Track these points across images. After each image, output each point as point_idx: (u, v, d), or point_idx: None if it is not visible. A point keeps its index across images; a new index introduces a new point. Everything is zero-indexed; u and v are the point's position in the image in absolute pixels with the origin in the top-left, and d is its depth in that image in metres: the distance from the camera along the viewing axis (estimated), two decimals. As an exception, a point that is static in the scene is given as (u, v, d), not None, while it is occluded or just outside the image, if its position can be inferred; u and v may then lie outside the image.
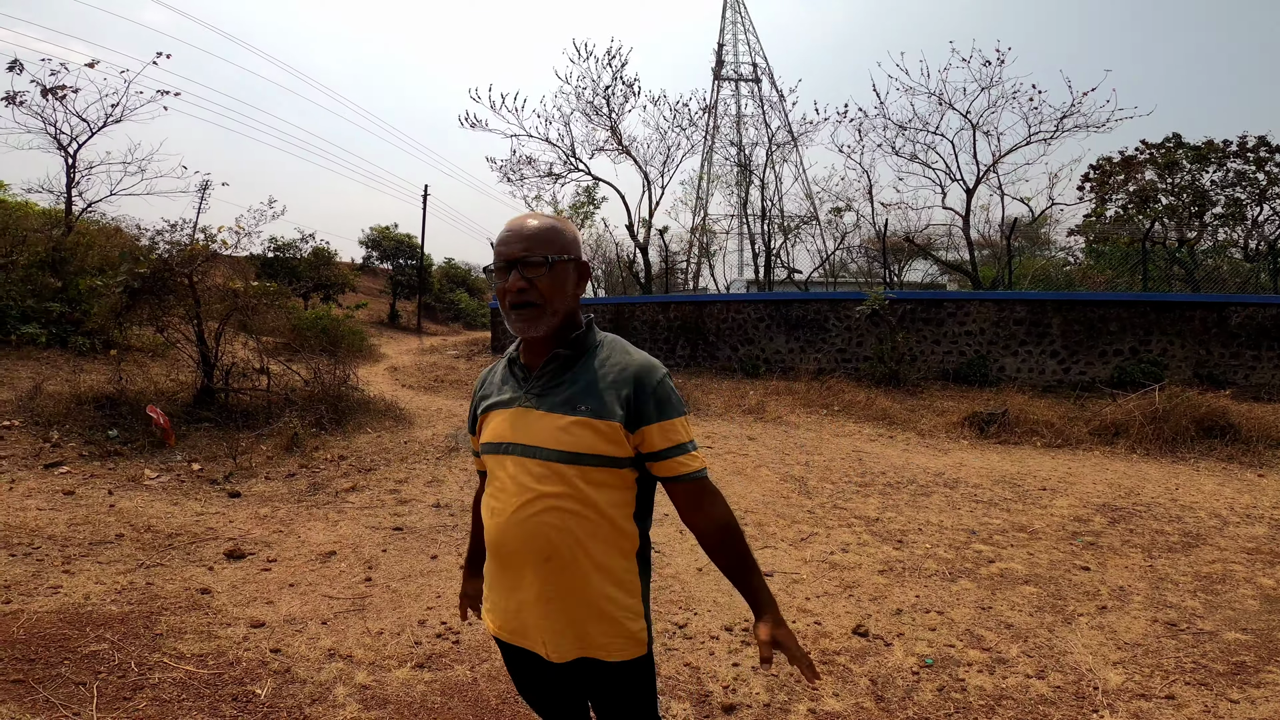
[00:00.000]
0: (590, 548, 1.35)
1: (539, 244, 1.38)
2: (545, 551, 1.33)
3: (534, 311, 1.38)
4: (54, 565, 3.95)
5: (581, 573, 1.34)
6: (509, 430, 1.40)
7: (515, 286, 1.37)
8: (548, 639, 1.37)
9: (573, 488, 1.33)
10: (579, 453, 1.33)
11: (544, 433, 1.35)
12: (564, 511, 1.33)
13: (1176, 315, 11.71)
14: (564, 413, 1.35)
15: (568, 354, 1.41)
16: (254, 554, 4.33)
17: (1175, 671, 3.15)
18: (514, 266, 1.37)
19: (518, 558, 1.36)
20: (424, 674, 2.99)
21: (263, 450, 6.91)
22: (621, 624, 1.38)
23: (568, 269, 1.42)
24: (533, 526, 1.33)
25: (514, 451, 1.38)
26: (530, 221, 1.42)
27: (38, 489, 5.37)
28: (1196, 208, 18.41)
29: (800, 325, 13.63)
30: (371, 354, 16.69)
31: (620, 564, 1.39)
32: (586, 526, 1.34)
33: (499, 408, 1.45)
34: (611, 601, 1.37)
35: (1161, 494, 6.26)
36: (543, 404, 1.38)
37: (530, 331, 1.39)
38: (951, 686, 3.03)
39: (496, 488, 1.41)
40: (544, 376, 1.41)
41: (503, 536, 1.38)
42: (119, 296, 7.94)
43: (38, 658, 2.89)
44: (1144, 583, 4.22)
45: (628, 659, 1.39)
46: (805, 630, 3.53)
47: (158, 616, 3.36)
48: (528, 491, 1.35)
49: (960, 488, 6.42)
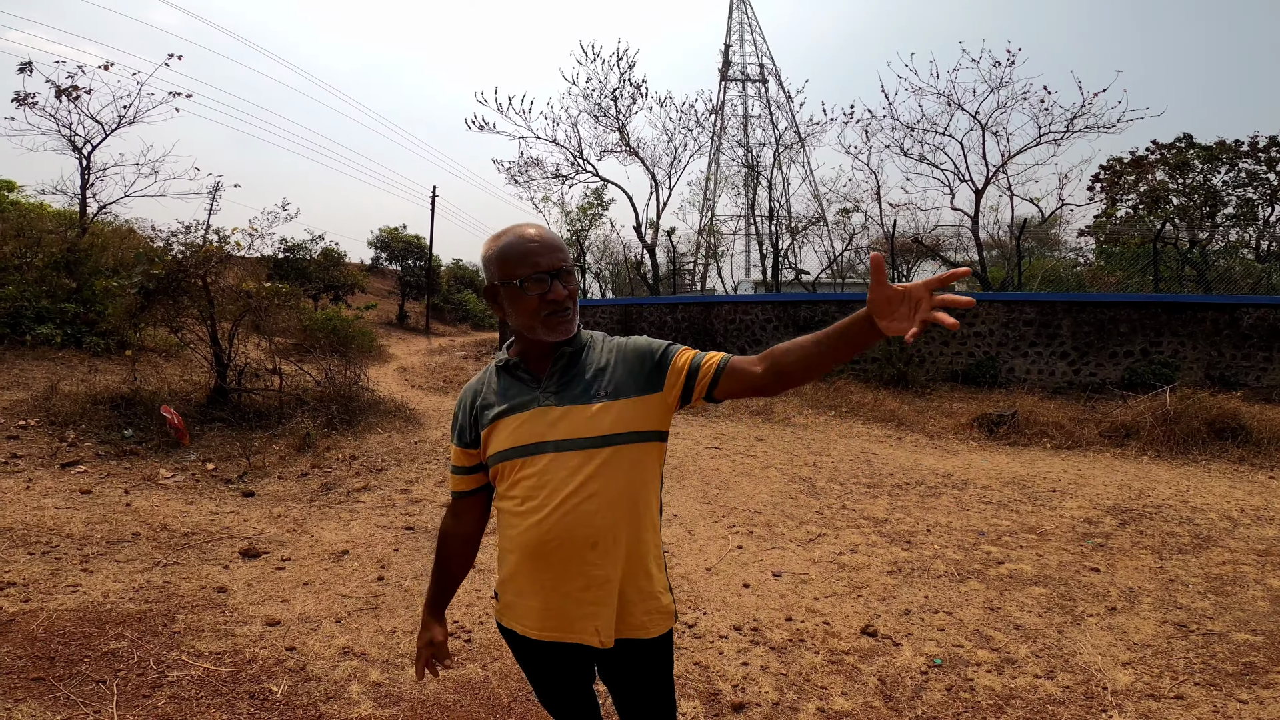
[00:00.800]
0: (630, 528, 1.41)
1: (564, 254, 1.46)
2: (591, 538, 1.38)
3: (570, 315, 1.45)
4: (72, 564, 4.01)
5: (625, 554, 1.41)
6: (535, 430, 1.43)
7: (562, 295, 1.43)
8: (600, 625, 1.41)
9: (611, 470, 1.38)
10: (611, 434, 1.39)
11: (574, 424, 1.40)
12: (603, 497, 1.38)
13: (1188, 316, 11.64)
14: (586, 403, 1.41)
15: (570, 351, 1.48)
16: (268, 553, 4.39)
17: (1185, 672, 3.16)
18: (555, 277, 1.42)
19: (564, 550, 1.39)
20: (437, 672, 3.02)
21: (275, 450, 6.97)
22: (658, 598, 1.46)
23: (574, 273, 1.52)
24: (578, 516, 1.37)
25: (548, 449, 1.40)
26: (546, 232, 1.48)
27: (55, 488, 5.44)
28: (1208, 208, 18.31)
29: (808, 326, 13.54)
30: (381, 354, 16.79)
31: (653, 539, 1.47)
32: (625, 507, 1.40)
33: (513, 413, 1.46)
34: (650, 578, 1.45)
35: (1172, 496, 6.24)
36: (563, 399, 1.43)
37: (568, 334, 1.46)
38: (960, 686, 3.04)
39: (527, 488, 1.42)
40: (555, 375, 1.46)
41: (545, 533, 1.39)
42: (134, 297, 8.03)
43: (58, 655, 2.94)
44: (1154, 584, 4.22)
45: (662, 634, 1.47)
46: (814, 630, 3.55)
47: (175, 615, 3.41)
48: (568, 483, 1.38)
49: (969, 489, 6.41)
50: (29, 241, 11.44)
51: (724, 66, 34.57)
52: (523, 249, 1.43)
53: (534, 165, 20.07)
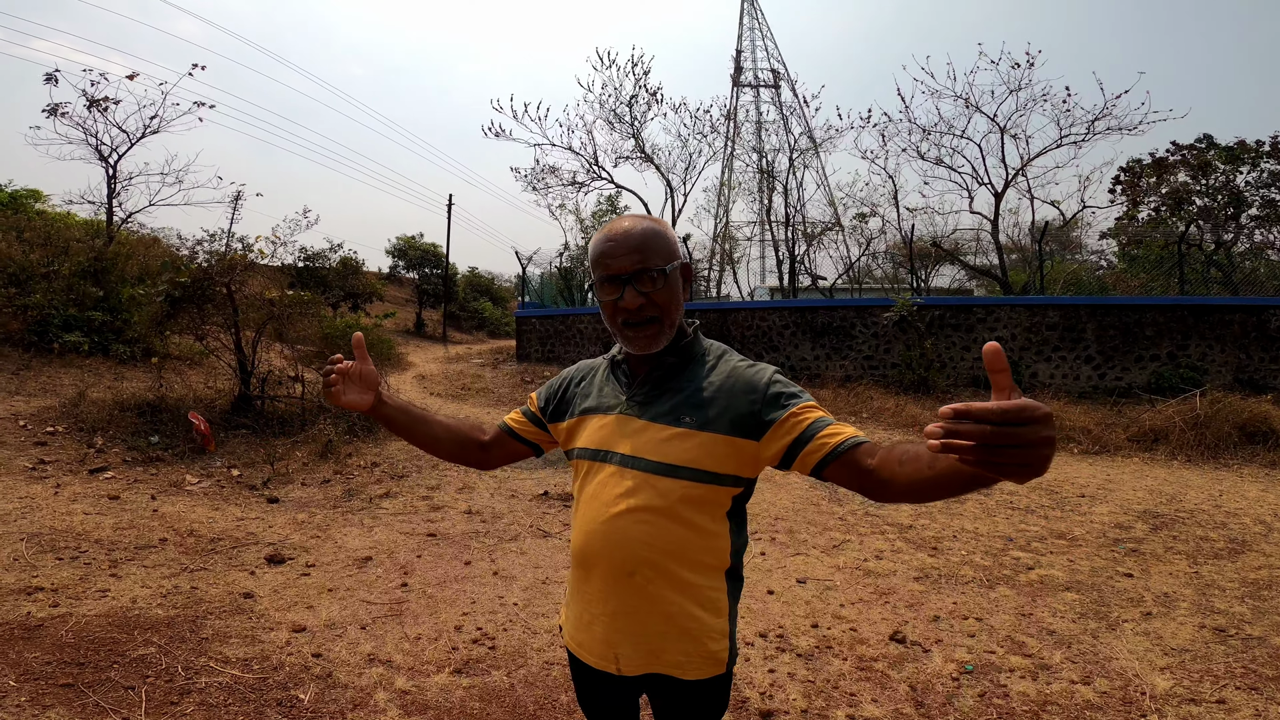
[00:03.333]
0: (678, 565, 1.26)
1: (651, 254, 1.28)
2: (629, 566, 1.26)
3: (654, 328, 1.29)
4: (101, 569, 4.04)
5: (666, 590, 1.26)
6: (610, 438, 1.34)
7: (634, 304, 1.27)
8: (621, 652, 1.31)
9: (667, 502, 1.25)
10: (679, 465, 1.24)
11: (645, 443, 1.28)
12: (654, 526, 1.25)
13: (1215, 319, 11.44)
14: (667, 423, 1.27)
15: (674, 361, 1.34)
16: (293, 559, 4.40)
17: (1225, 676, 3.11)
18: (627, 283, 1.27)
19: (600, 570, 1.30)
20: (462, 679, 3.01)
21: (298, 456, 7.02)
22: (702, 643, 1.28)
23: (677, 276, 1.32)
24: (620, 539, 1.27)
25: (613, 460, 1.31)
26: (633, 228, 1.30)
27: (83, 493, 5.50)
28: (1232, 209, 18.02)
29: (826, 332, 13.54)
30: (399, 362, 16.87)
31: (708, 582, 1.29)
32: (677, 543, 1.26)
33: (599, 413, 1.39)
34: (694, 620, 1.28)
35: (1205, 500, 6.11)
36: (645, 413, 1.31)
37: (651, 348, 1.31)
38: (993, 692, 2.99)
39: (588, 495, 1.34)
40: (648, 384, 1.34)
41: (585, 547, 1.32)
42: (160, 305, 8.13)
43: (87, 661, 2.96)
44: (1190, 589, 4.13)
45: (703, 678, 1.30)
46: (841, 637, 3.50)
47: (203, 620, 3.43)
48: (619, 503, 1.27)
49: (995, 495, 6.32)
50: (56, 250, 11.64)
51: (736, 72, 34.57)
52: (600, 248, 1.31)
53: (550, 172, 20.19)
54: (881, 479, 1.08)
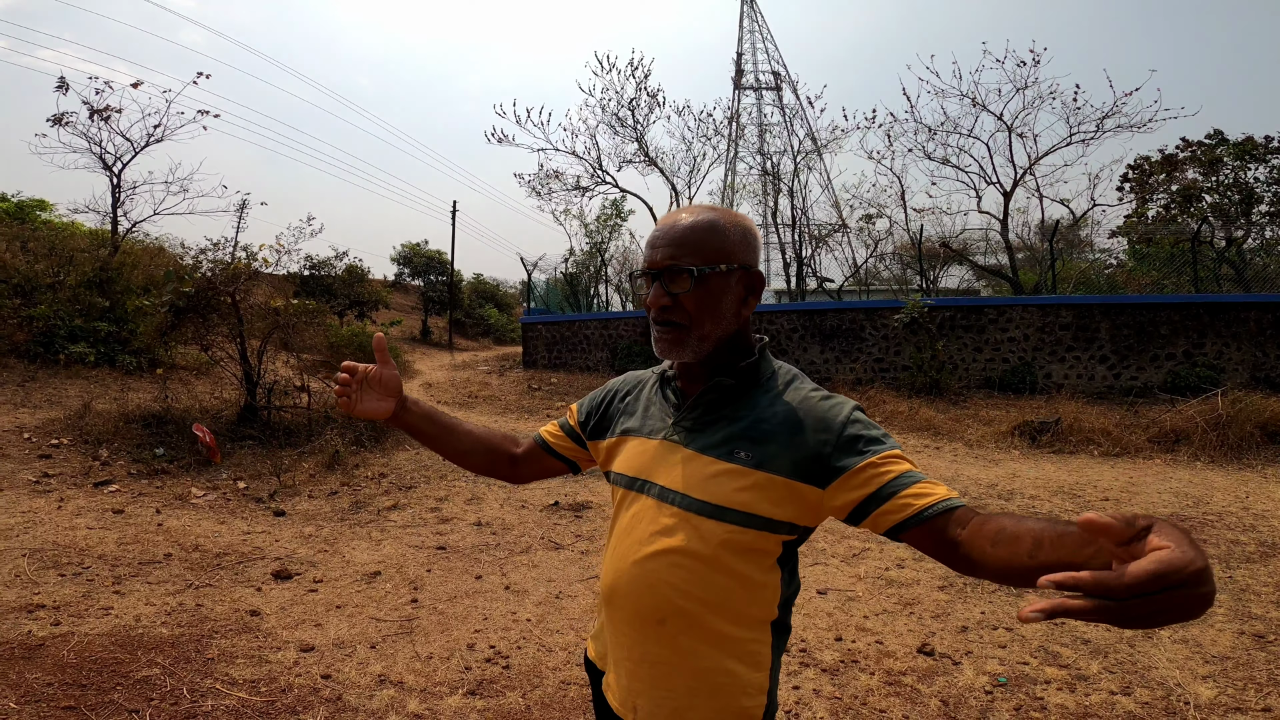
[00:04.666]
0: (715, 616, 1.10)
1: (689, 250, 1.11)
2: (660, 613, 1.10)
3: (678, 334, 1.13)
4: (104, 585, 3.95)
5: (698, 643, 1.10)
6: (649, 466, 1.18)
7: (657, 303, 1.13)
8: (639, 704, 1.14)
9: (708, 546, 1.08)
10: (726, 507, 1.07)
11: (689, 477, 1.11)
12: (691, 573, 1.09)
13: (1231, 317, 11.27)
14: (717, 457, 1.10)
15: (731, 384, 1.16)
16: (300, 574, 4.30)
17: (1269, 684, 3.01)
18: (657, 278, 1.13)
19: (627, 614, 1.15)
20: (476, 701, 2.90)
21: (305, 468, 6.93)
22: (735, 700, 1.11)
23: (726, 283, 1.12)
24: (652, 582, 1.11)
25: (651, 493, 1.15)
26: (683, 219, 1.14)
27: (87, 507, 5.42)
28: (1242, 206, 17.84)
29: (835, 335, 13.42)
30: (405, 370, 16.83)
31: (749, 635, 1.12)
32: (717, 593, 1.09)
33: (641, 434, 1.23)
34: (729, 676, 1.11)
35: (1232, 503, 5.97)
36: (693, 442, 1.14)
37: (672, 356, 1.16)
38: (1030, 705, 2.88)
39: (622, 528, 1.19)
40: (699, 408, 1.17)
41: (616, 586, 1.17)
42: (165, 315, 8.06)
43: (89, 683, 2.86)
44: (1225, 594, 4.01)
45: None
46: (866, 650, 3.38)
47: (209, 640, 3.32)
48: (654, 542, 1.12)
49: (1016, 499, 6.18)
50: (61, 260, 11.61)
51: (737, 75, 34.54)
52: (650, 237, 1.17)
53: (554, 177, 20.12)
54: (968, 556, 0.91)
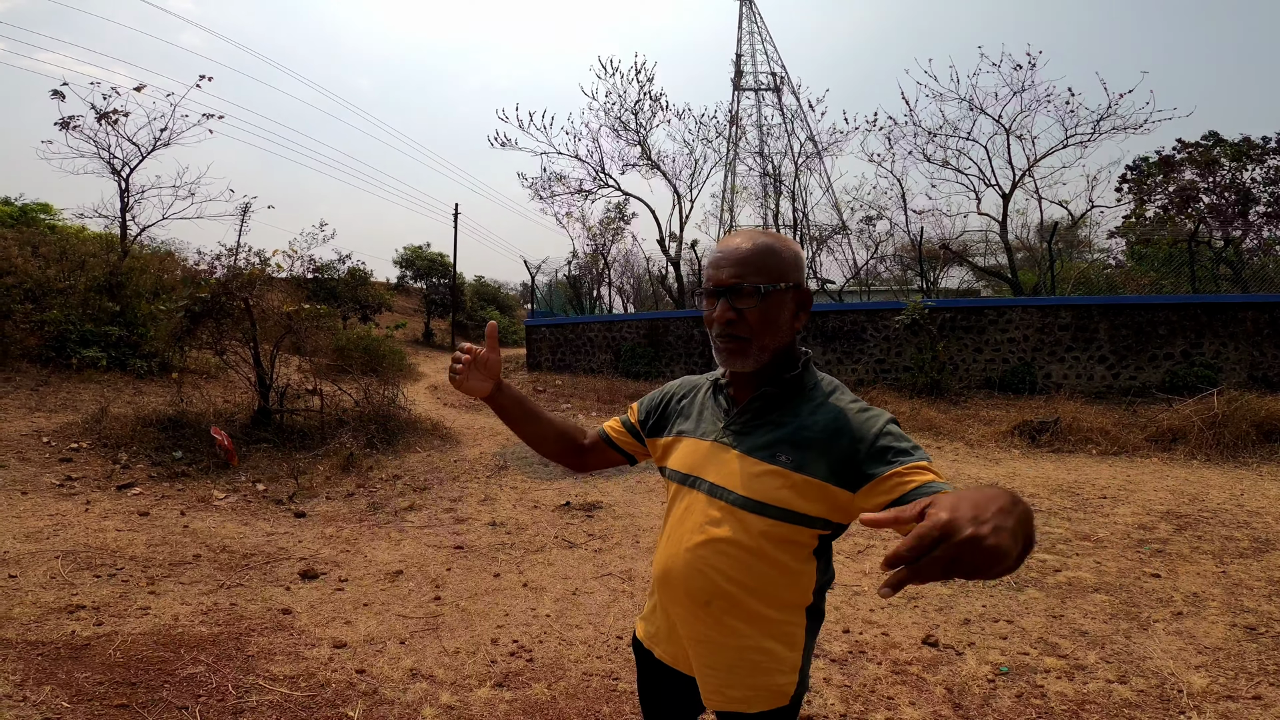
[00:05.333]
0: (756, 600, 1.26)
1: (752, 270, 1.25)
2: (706, 595, 1.27)
3: (740, 345, 1.27)
4: (139, 586, 4.10)
5: (739, 623, 1.27)
6: (701, 464, 1.34)
7: (723, 318, 1.26)
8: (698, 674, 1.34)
9: (752, 537, 1.24)
10: (768, 504, 1.23)
11: (736, 476, 1.27)
12: (735, 560, 1.25)
13: (1228, 317, 11.42)
14: (762, 458, 1.25)
15: (777, 393, 1.31)
16: (326, 574, 4.45)
17: (1259, 674, 3.15)
18: (723, 295, 1.27)
19: (679, 594, 1.32)
20: (504, 693, 3.05)
21: (320, 470, 7.07)
22: (771, 677, 1.28)
23: (784, 300, 1.28)
24: (701, 567, 1.28)
25: (702, 488, 1.32)
26: (744, 243, 1.28)
27: (114, 510, 5.56)
28: (1239, 206, 17.98)
29: (837, 336, 13.57)
30: (411, 373, 16.96)
31: (786, 617, 1.29)
32: (758, 578, 1.25)
33: (694, 436, 1.39)
34: (766, 654, 1.28)
35: (1227, 500, 6.12)
36: (741, 444, 1.29)
37: (735, 366, 1.30)
38: (1031, 693, 3.03)
39: (675, 519, 1.37)
40: (748, 414, 1.32)
41: (666, 571, 1.35)
42: (180, 320, 8.21)
43: (139, 681, 3.00)
44: (1218, 588, 4.15)
45: (766, 709, 1.29)
46: (873, 641, 3.53)
47: (247, 637, 3.47)
48: (704, 532, 1.28)
49: (1016, 497, 6.33)
50: (72, 265, 11.74)
51: (736, 76, 34.71)
52: (710, 258, 1.32)
53: (557, 180, 20.26)
54: None
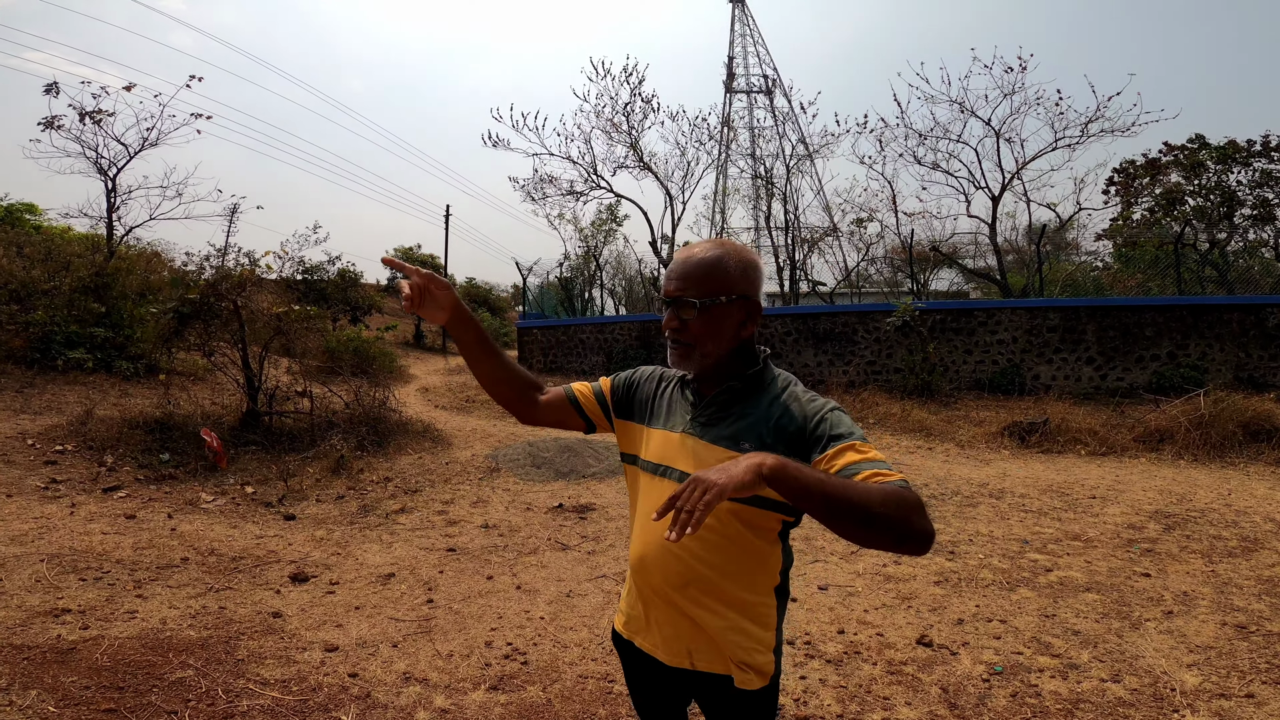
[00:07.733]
0: (730, 581, 1.34)
1: (694, 284, 1.34)
2: (684, 578, 1.34)
3: (685, 350, 1.37)
4: (126, 590, 4.04)
5: (716, 604, 1.35)
6: (672, 455, 1.41)
7: (668, 325, 1.37)
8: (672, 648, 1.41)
9: (722, 522, 1.31)
10: None
11: (705, 464, 1.32)
12: (707, 544, 1.32)
13: (1214, 318, 11.53)
14: (727, 447, 1.32)
15: (739, 388, 1.39)
16: (316, 576, 4.41)
17: (1251, 672, 3.18)
18: (669, 305, 1.37)
19: (655, 579, 1.39)
20: (499, 696, 3.02)
21: (310, 472, 7.02)
22: (750, 655, 1.36)
23: (727, 311, 1.35)
24: (677, 552, 1.34)
25: (673, 477, 1.38)
26: (692, 257, 1.37)
27: (99, 512, 5.50)
28: (1225, 209, 18.16)
29: (828, 338, 13.60)
30: (401, 375, 16.88)
31: (757, 599, 1.37)
32: (730, 560, 1.33)
33: (665, 428, 1.46)
34: (742, 633, 1.35)
35: (1215, 499, 6.17)
36: (708, 434, 1.37)
37: (681, 367, 1.40)
38: (1025, 692, 3.04)
39: (647, 505, 1.42)
40: (713, 407, 1.40)
41: (643, 557, 1.40)
42: (169, 321, 8.13)
43: (127, 686, 2.96)
44: (1208, 587, 4.18)
45: (750, 689, 1.36)
46: (868, 642, 3.53)
47: (236, 641, 3.43)
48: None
49: (1007, 498, 6.36)
50: (57, 266, 11.60)
51: (728, 78, 34.82)
52: (668, 269, 1.40)
53: (549, 182, 20.19)
54: None
